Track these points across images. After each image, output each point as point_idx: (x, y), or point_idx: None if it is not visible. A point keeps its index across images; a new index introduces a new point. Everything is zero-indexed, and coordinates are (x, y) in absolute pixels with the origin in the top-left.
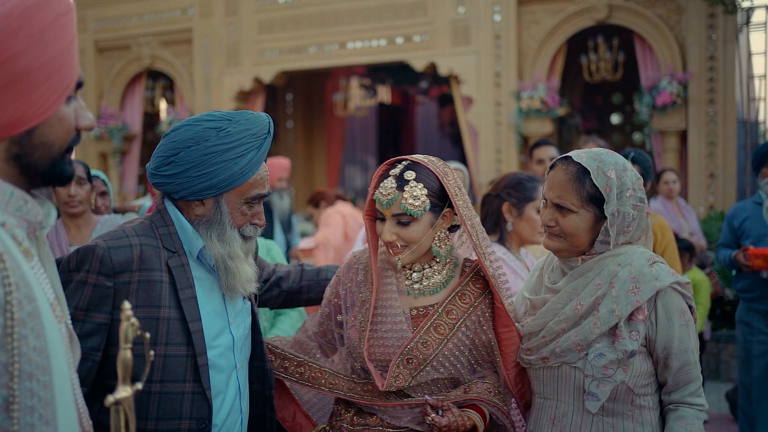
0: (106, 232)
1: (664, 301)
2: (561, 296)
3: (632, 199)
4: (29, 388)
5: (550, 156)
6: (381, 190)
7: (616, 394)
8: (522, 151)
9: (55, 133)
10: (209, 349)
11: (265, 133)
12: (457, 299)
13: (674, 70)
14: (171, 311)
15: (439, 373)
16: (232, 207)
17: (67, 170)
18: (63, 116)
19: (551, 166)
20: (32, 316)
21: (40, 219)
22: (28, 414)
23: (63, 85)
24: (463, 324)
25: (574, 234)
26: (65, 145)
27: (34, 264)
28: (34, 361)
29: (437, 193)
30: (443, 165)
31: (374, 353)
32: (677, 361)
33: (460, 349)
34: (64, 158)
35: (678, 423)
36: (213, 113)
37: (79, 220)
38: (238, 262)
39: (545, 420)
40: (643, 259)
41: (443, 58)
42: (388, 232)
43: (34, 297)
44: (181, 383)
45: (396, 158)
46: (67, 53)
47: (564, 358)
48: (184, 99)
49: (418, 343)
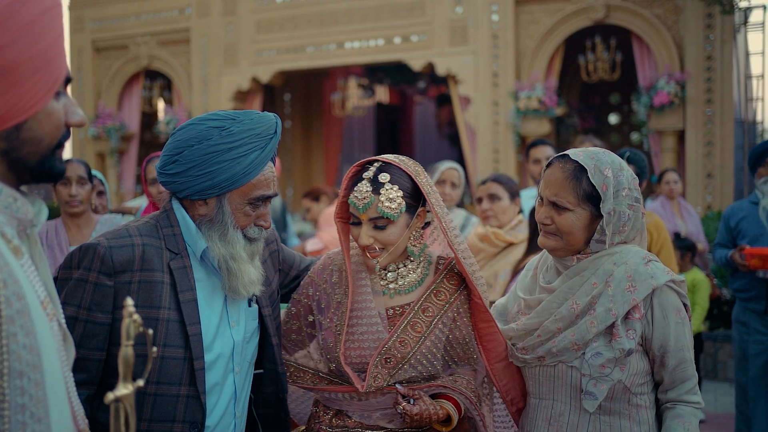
0: (110, 231)
1: (660, 300)
2: (557, 295)
3: (628, 198)
4: (20, 386)
5: (546, 156)
6: (356, 194)
7: (613, 393)
8: (519, 151)
9: (44, 128)
10: (206, 352)
11: (271, 133)
12: (433, 296)
13: (672, 70)
14: (170, 313)
15: (416, 371)
16: (235, 207)
17: (57, 167)
18: (52, 111)
19: (548, 165)
20: (21, 313)
21: (31, 217)
22: (19, 412)
23: (51, 79)
24: (440, 321)
25: (570, 232)
26: (54, 140)
27: (24, 262)
28: (25, 359)
29: (411, 193)
30: (414, 164)
31: (351, 356)
32: (673, 359)
33: (437, 346)
34: (54, 154)
35: (675, 421)
36: (218, 112)
37: (79, 219)
38: (241, 264)
39: (541, 420)
40: (638, 258)
41: (441, 57)
42: (366, 236)
43: (23, 294)
44: (176, 386)
45: (366, 160)
46: (55, 47)
47: (560, 357)
48: (182, 99)
49: (395, 342)
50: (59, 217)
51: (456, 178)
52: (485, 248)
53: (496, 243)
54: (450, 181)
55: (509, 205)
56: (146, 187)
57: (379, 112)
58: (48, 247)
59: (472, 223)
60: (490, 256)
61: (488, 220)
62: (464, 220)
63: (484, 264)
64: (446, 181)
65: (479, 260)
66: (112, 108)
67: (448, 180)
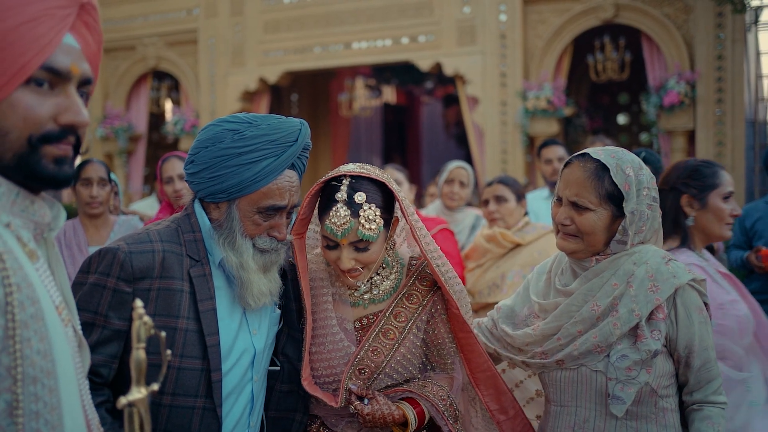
0: (130, 235)
1: (683, 299)
2: (576, 298)
3: (647, 198)
4: (33, 393)
5: (558, 156)
6: (334, 221)
7: (640, 396)
8: (528, 152)
9: (8, 119)
10: (224, 361)
11: (290, 141)
12: (405, 300)
13: (682, 70)
14: (189, 323)
15: (393, 380)
16: (244, 215)
17: (44, 168)
18: (16, 102)
19: (566, 164)
20: (35, 318)
21: (48, 220)
22: (33, 419)
23: (14, 67)
24: (414, 325)
25: (592, 233)
26: (24, 134)
27: (39, 266)
28: (38, 365)
29: (385, 206)
30: (380, 170)
31: (320, 375)
32: (699, 359)
33: (412, 352)
34: (37, 153)
35: (705, 423)
36: (240, 115)
37: (98, 220)
38: (251, 274)
39: (564, 428)
40: (658, 257)
41: (449, 58)
42: (347, 259)
43: (37, 299)
44: (192, 398)
45: (330, 176)
46: (20, 32)
47: (582, 361)
48: (190, 99)
49: (367, 351)
50: (77, 216)
51: (465, 177)
52: (492, 249)
53: (503, 243)
54: (459, 180)
55: (516, 207)
56: (161, 186)
57: (387, 112)
58: (66, 246)
59: (483, 224)
60: (497, 257)
61: (495, 223)
62: (475, 220)
63: (491, 265)
64: (455, 180)
65: (486, 261)
66: (120, 108)
67: (457, 179)
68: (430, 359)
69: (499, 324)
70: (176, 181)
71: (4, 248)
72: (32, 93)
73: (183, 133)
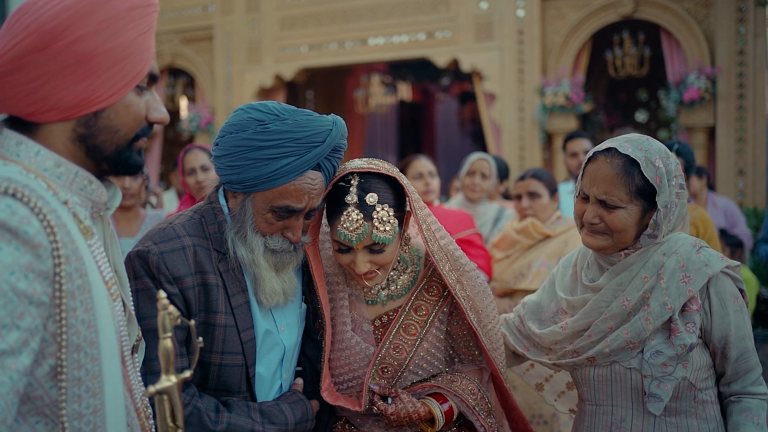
0: (154, 232)
1: (717, 288)
2: (604, 293)
3: (675, 186)
4: (77, 360)
5: (584, 149)
6: (346, 226)
7: (678, 391)
8: (546, 148)
9: (121, 118)
10: (258, 359)
11: (317, 141)
12: (424, 293)
13: (702, 65)
14: (227, 318)
15: (418, 377)
16: (257, 210)
17: (134, 159)
18: (130, 104)
19: (589, 159)
20: (82, 289)
21: (105, 200)
22: (75, 385)
23: (131, 73)
24: (436, 318)
25: (623, 230)
26: (132, 132)
27: (93, 242)
28: (82, 334)
29: (396, 204)
30: (388, 164)
31: (343, 381)
32: (735, 350)
33: (436, 346)
34: (131, 147)
35: (743, 415)
36: (270, 104)
37: (129, 213)
38: (263, 271)
39: (601, 428)
40: (688, 246)
41: (466, 54)
42: (363, 263)
43: (85, 272)
44: (236, 393)
45: (338, 176)
46: (137, 43)
47: (614, 357)
48: (205, 96)
49: (389, 349)
50: None
51: (486, 169)
52: (521, 240)
53: (533, 235)
54: (480, 172)
55: (549, 202)
56: (183, 177)
57: (402, 109)
58: None
59: (506, 216)
60: (525, 248)
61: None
62: (497, 212)
63: (518, 256)
64: (476, 172)
65: (514, 252)
66: None
67: (479, 171)
68: (456, 351)
69: (526, 321)
70: (199, 173)
71: (57, 222)
72: (136, 95)
73: (198, 130)
